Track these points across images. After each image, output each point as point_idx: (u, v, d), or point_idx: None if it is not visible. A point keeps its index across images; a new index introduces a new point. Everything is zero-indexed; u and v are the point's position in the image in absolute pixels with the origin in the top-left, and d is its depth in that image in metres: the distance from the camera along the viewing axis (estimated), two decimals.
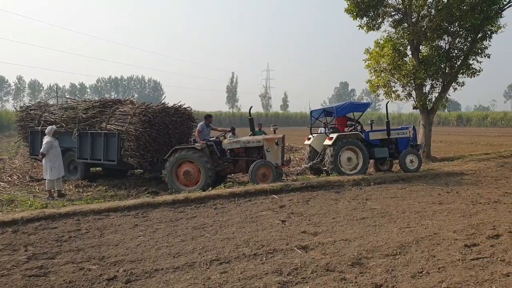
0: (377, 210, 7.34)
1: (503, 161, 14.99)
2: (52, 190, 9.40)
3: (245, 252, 5.02)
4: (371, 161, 12.52)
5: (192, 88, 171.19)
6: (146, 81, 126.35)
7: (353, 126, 12.71)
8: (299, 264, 4.56)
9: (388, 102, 14.73)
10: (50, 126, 10.04)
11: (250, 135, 11.54)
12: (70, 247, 5.37)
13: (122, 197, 9.54)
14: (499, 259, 4.67)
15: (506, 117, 62.80)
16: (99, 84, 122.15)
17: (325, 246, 5.23)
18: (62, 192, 9.69)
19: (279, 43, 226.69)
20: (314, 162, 12.28)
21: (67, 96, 37.21)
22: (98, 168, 13.21)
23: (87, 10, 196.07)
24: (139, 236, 5.87)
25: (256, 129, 13.51)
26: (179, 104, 12.25)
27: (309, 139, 12.81)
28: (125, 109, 11.28)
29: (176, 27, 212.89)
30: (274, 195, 8.69)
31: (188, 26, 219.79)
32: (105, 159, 11.21)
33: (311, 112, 14.11)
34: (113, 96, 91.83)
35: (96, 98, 15.81)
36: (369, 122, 13.96)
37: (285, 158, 11.50)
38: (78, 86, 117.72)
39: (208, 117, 11.34)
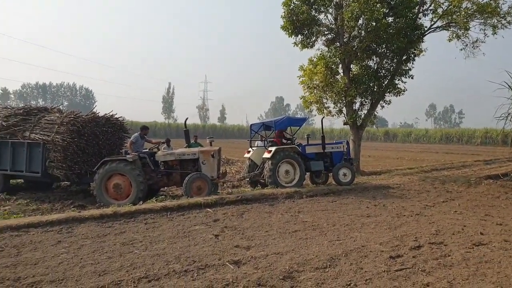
0: (308, 223, 7.50)
1: (424, 175, 16.16)
2: None
3: (176, 269, 4.86)
4: (307, 174, 12.87)
5: (127, 97, 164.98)
6: (78, 88, 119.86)
7: (291, 140, 13.03)
8: (230, 280, 4.50)
9: (323, 117, 15.33)
10: None
11: (186, 147, 11.36)
12: None
13: (45, 211, 8.85)
14: (420, 269, 4.95)
15: (427, 134, 68.32)
16: (25, 90, 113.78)
17: (258, 260, 5.23)
18: None
19: (218, 56, 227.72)
20: (253, 174, 12.37)
21: None
22: (19, 180, 12.20)
23: (14, 11, 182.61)
24: (61, 254, 5.46)
25: (192, 141, 13.34)
26: (110, 113, 11.75)
27: (248, 152, 12.96)
28: (51, 117, 10.68)
29: (112, 34, 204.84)
30: (209, 209, 8.57)
31: (124, 34, 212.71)
32: (28, 171, 10.44)
33: (251, 126, 14.27)
34: (40, 104, 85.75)
35: (21, 105, 14.74)
36: (305, 136, 14.40)
37: (221, 171, 11.46)
38: (0, 92, 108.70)
39: (144, 128, 11.00)
